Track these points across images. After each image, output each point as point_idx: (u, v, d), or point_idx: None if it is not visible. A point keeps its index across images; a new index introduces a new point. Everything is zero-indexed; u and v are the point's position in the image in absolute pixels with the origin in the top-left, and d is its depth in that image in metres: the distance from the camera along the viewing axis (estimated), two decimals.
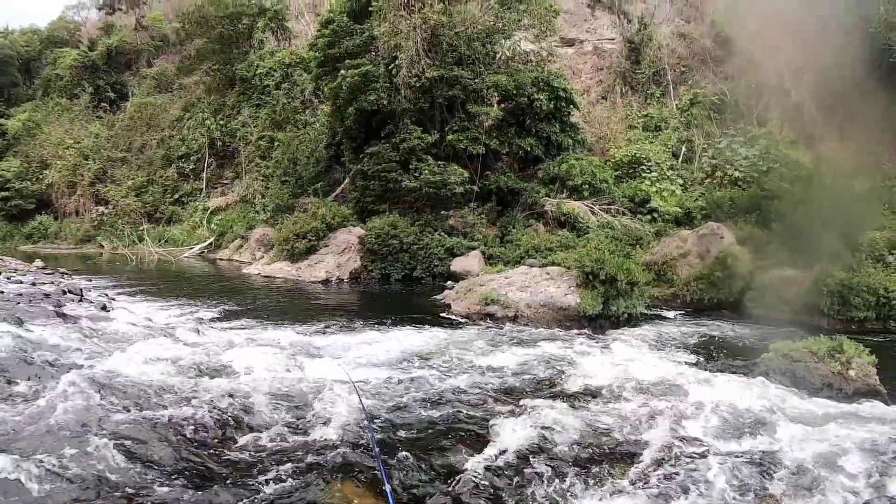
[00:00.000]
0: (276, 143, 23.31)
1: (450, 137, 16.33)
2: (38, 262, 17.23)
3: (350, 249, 16.90)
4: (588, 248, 13.09)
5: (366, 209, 17.37)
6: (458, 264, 15.25)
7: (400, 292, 15.29)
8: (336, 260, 16.91)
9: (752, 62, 25.18)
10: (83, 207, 30.00)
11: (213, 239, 23.29)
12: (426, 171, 15.99)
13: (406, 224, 16.01)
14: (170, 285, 16.43)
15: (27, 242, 29.40)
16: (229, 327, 10.25)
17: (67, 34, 40.98)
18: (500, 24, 16.99)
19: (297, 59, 25.46)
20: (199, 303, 12.89)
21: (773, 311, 13.00)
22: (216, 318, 11.25)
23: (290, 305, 13.46)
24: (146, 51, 36.90)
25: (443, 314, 12.60)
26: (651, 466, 5.85)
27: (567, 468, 5.60)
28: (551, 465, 5.66)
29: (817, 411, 7.21)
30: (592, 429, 6.60)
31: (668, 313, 13.40)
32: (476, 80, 16.66)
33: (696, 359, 9.87)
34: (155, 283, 16.62)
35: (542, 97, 16.53)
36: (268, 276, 17.47)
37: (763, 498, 5.24)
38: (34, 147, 32.27)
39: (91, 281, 15.78)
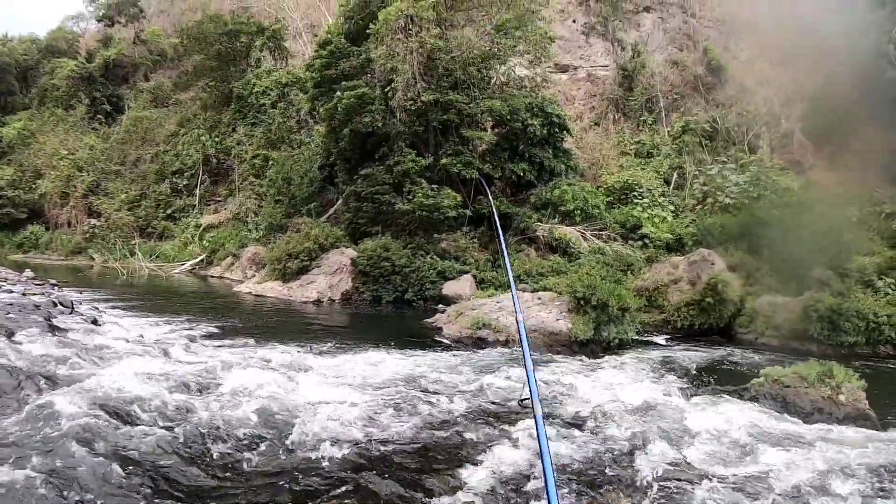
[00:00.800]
0: (270, 162, 23.37)
1: (443, 161, 16.42)
2: (29, 273, 17.07)
3: (342, 270, 16.89)
4: (580, 274, 13.16)
5: (358, 231, 17.39)
6: (449, 288, 15.26)
7: (391, 314, 15.27)
8: (328, 281, 16.88)
9: (744, 90, 25.63)
10: (75, 219, 29.88)
11: (204, 256, 23.21)
12: (419, 195, 16.05)
13: (398, 246, 16.03)
14: (161, 301, 16.34)
15: (17, 252, 29.22)
16: (221, 345, 10.18)
17: (66, 44, 41.10)
18: (496, 49, 17.21)
19: (294, 79, 25.61)
20: (191, 320, 12.82)
21: (763, 337, 13.11)
22: (207, 335, 11.18)
23: (281, 325, 13.41)
24: (144, 65, 37.04)
25: (434, 337, 12.59)
26: (642, 491, 5.87)
27: (559, 492, 5.60)
28: (542, 491, 5.66)
29: (807, 436, 7.26)
30: (584, 453, 6.61)
31: (658, 339, 13.45)
32: (471, 105, 16.80)
33: (686, 384, 9.90)
34: (146, 299, 16.53)
35: (535, 123, 16.69)
36: (259, 295, 17.40)
37: None
38: (28, 156, 32.22)
39: (81, 293, 15.67)
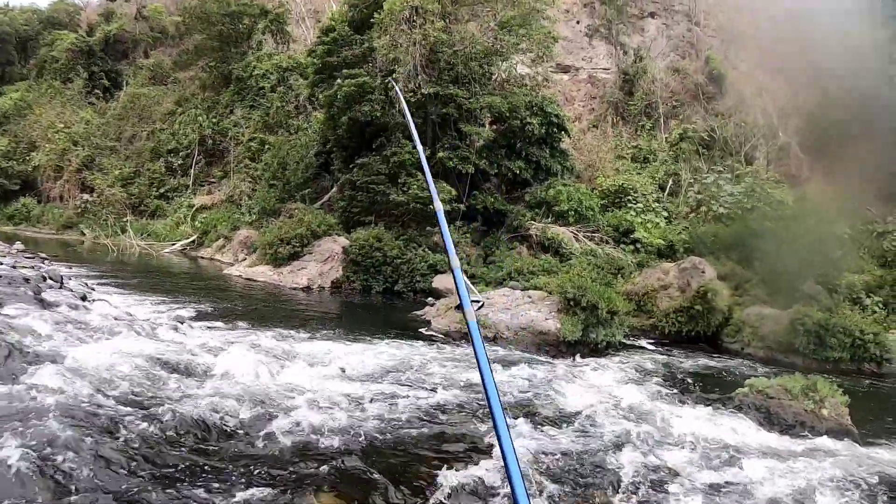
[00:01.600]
0: (266, 146, 23.24)
1: (440, 155, 16.39)
2: (19, 245, 16.90)
3: (333, 258, 16.87)
4: (571, 275, 13.20)
5: (352, 219, 17.35)
6: (440, 281, 15.27)
7: (380, 305, 15.27)
8: (319, 268, 16.85)
9: (743, 101, 25.77)
10: (68, 193, 29.62)
11: (195, 237, 23.07)
12: (415, 187, 16.04)
13: (391, 237, 16.02)
14: (150, 280, 16.24)
15: (8, 224, 28.96)
16: (209, 327, 10.11)
17: (67, 17, 40.70)
18: (499, 45, 17.18)
19: (295, 64, 25.47)
20: (180, 300, 12.75)
21: (750, 347, 13.23)
22: (196, 316, 11.11)
23: (270, 309, 13.37)
24: (144, 41, 36.69)
25: (423, 330, 12.60)
26: (625, 492, 5.91)
27: (543, 490, 5.63)
28: (532, 484, 5.68)
29: (790, 447, 7.34)
30: (568, 452, 6.64)
31: (646, 343, 13.53)
32: (470, 100, 16.79)
33: (672, 389, 9.98)
34: (135, 277, 16.43)
35: (534, 121, 16.70)
36: (249, 279, 17.34)
37: None
38: (24, 127, 31.91)
39: (71, 269, 15.53)
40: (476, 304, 1.99)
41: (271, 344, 9.37)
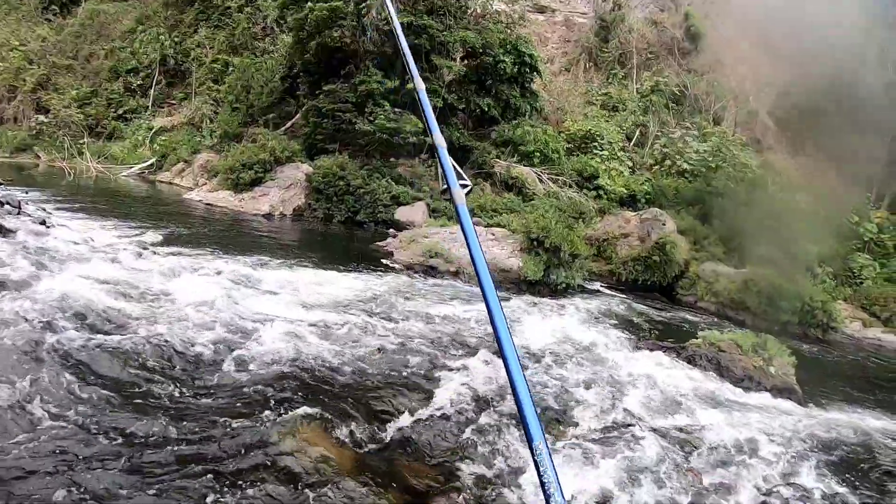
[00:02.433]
0: (230, 68, 22.29)
1: (409, 86, 15.99)
2: None
3: (296, 186, 16.61)
4: (535, 215, 13.31)
5: (315, 147, 17.00)
6: (402, 213, 15.23)
7: (342, 234, 15.18)
8: (281, 195, 16.58)
9: (719, 62, 25.84)
10: (22, 115, 28.02)
11: (154, 160, 22.28)
12: (381, 117, 15.74)
13: (355, 167, 15.80)
14: (109, 204, 15.65)
15: None
16: (171, 253, 9.79)
17: None
18: None
19: None
20: (141, 225, 12.31)
21: (703, 302, 13.69)
22: (158, 242, 10.72)
23: (232, 236, 13.11)
24: None
25: (385, 261, 12.58)
26: (585, 430, 6.11)
27: (505, 425, 5.77)
28: (496, 417, 5.82)
29: (738, 399, 7.68)
30: (532, 387, 6.82)
31: (603, 289, 13.85)
32: (444, 33, 16.39)
33: (628, 335, 10.26)
34: (94, 201, 15.78)
35: (507, 59, 16.45)
36: (210, 204, 16.93)
37: (685, 471, 5.59)
38: None
39: (27, 193, 14.84)
40: (465, 188, 1.81)
41: (234, 270, 9.23)
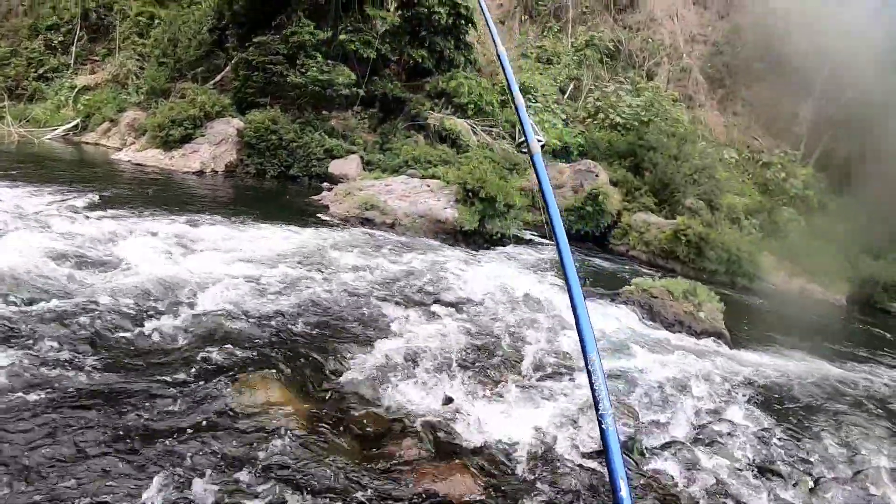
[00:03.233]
0: (156, 21, 21.30)
1: (342, 37, 15.77)
2: None
3: (227, 141, 16.19)
4: (470, 167, 13.42)
5: (246, 101, 16.56)
6: (336, 167, 15.11)
7: (276, 189, 14.95)
8: (212, 151, 16.14)
9: (654, 19, 26.25)
10: None
11: (79, 120, 21.21)
12: (314, 69, 15.45)
13: (287, 120, 15.51)
14: (34, 169, 14.78)
15: None
16: (104, 216, 9.38)
17: None
18: None
19: None
20: (69, 190, 11.66)
21: (634, 251, 14.21)
22: (89, 206, 10.19)
23: (164, 196, 12.66)
24: None
25: (321, 215, 12.50)
26: (525, 372, 6.29)
27: (450, 371, 5.90)
28: (440, 362, 5.95)
29: (670, 342, 8.05)
30: (470, 336, 6.93)
31: (538, 238, 14.15)
32: None
33: (563, 283, 10.55)
34: (18, 167, 14.90)
35: (442, 11, 16.28)
36: (139, 164, 16.29)
37: (621, 407, 5.88)
38: None
39: None
40: (540, 143, 2.01)
41: (169, 230, 9.01)
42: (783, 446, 5.81)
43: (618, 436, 1.44)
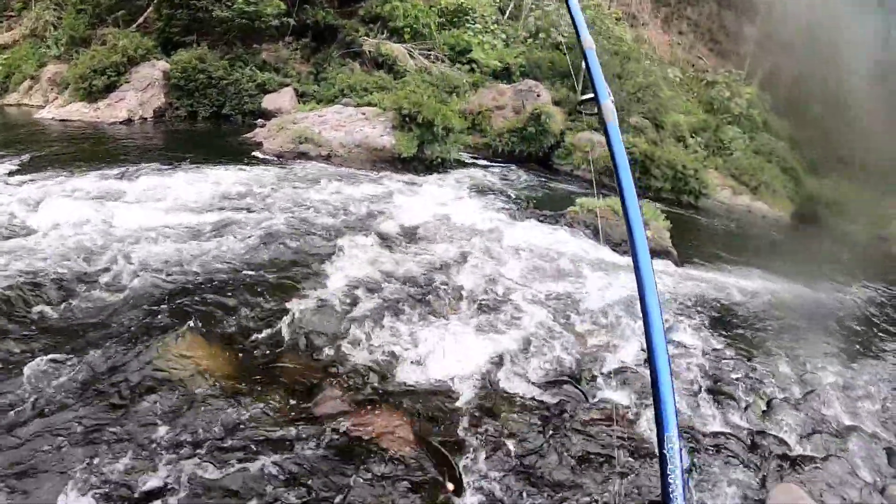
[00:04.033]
0: None
1: None
2: None
3: (154, 85, 15.49)
4: (406, 91, 13.09)
5: (171, 41, 15.75)
6: (269, 101, 14.61)
7: (208, 131, 14.48)
8: (139, 97, 15.44)
9: None
10: None
11: None
12: (240, 1, 14.69)
13: (215, 57, 14.85)
14: None
15: None
16: (28, 180, 8.98)
17: None
18: None
19: None
20: None
21: (578, 171, 14.13)
22: (12, 172, 9.69)
23: (91, 150, 12.12)
24: None
25: (255, 153, 12.21)
26: (469, 303, 6.15)
27: (394, 304, 5.71)
28: (379, 302, 5.75)
29: (617, 262, 7.97)
30: (410, 268, 6.77)
31: (480, 161, 14.00)
32: None
33: (507, 206, 10.43)
34: None
35: None
36: (64, 120, 15.53)
37: (571, 335, 5.75)
38: None
39: None
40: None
41: (96, 186, 8.67)
42: (734, 367, 5.81)
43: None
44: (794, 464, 4.59)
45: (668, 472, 1.13)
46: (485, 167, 13.67)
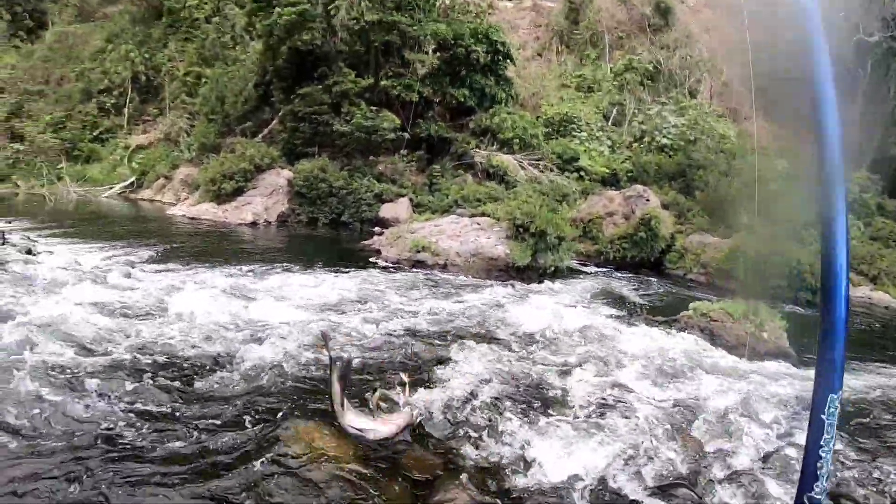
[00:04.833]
0: (203, 80, 22.17)
1: (384, 83, 16.04)
2: None
3: (278, 192, 16.57)
4: (519, 202, 13.33)
5: (294, 151, 16.95)
6: (386, 211, 15.22)
7: (328, 237, 15.18)
8: (264, 202, 16.53)
9: (689, 35, 25.93)
10: None
11: (134, 178, 22.16)
12: (358, 116, 15.73)
13: (335, 168, 15.79)
14: (93, 227, 15.41)
15: None
16: (160, 270, 9.71)
17: None
18: None
19: None
20: (126, 245, 12.10)
21: (691, 273, 13.76)
22: (146, 260, 10.59)
23: (219, 248, 12.99)
24: None
25: (373, 259, 12.57)
26: (584, 407, 6.03)
27: (504, 407, 5.74)
28: (490, 404, 5.80)
29: (734, 366, 7.61)
30: (526, 372, 6.76)
31: (592, 269, 13.90)
32: (414, 27, 16.36)
33: (620, 312, 10.27)
34: (77, 225, 15.54)
35: (479, 49, 16.43)
36: (193, 218, 16.83)
37: (686, 440, 5.58)
38: None
39: (10, 223, 14.65)
40: None
41: (225, 282, 9.19)
42: (861, 472, 5.35)
43: None
44: None
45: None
46: (597, 274, 13.52)
